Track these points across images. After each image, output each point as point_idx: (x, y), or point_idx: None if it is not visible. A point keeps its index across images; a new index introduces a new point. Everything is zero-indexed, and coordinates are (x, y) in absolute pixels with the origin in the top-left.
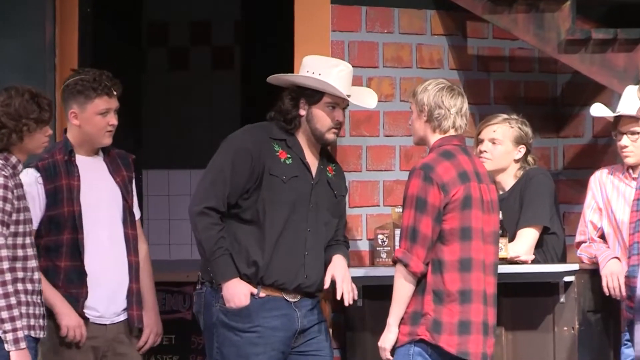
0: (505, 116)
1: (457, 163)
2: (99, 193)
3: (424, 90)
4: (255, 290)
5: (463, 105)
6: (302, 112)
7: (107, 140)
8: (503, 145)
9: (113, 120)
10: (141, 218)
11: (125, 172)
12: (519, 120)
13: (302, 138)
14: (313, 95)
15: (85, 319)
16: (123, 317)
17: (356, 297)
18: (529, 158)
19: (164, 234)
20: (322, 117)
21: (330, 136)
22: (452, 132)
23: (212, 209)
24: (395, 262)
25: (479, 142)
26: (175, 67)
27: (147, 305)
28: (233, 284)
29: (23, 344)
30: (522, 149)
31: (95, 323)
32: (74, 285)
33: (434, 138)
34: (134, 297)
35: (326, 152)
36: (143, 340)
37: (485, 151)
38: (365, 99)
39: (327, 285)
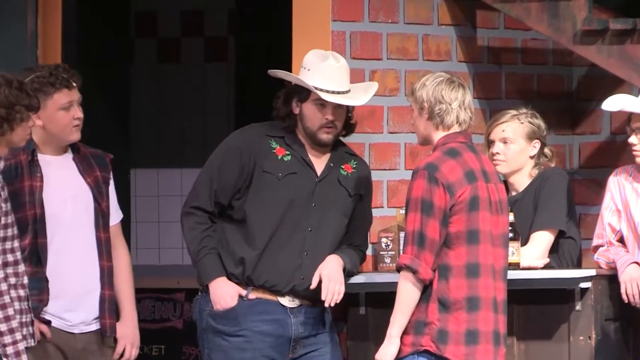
0: (513, 112)
1: (463, 161)
2: (65, 194)
3: (422, 87)
4: (244, 292)
5: (465, 97)
6: (296, 110)
7: (75, 136)
8: (515, 144)
9: (78, 113)
10: (128, 220)
11: (99, 172)
12: (528, 113)
13: (302, 135)
14: (301, 92)
15: (47, 323)
16: (95, 326)
17: (337, 301)
18: (546, 150)
19: (153, 238)
20: (311, 116)
21: (323, 136)
22: (456, 128)
23: (198, 209)
24: (399, 269)
25: (490, 143)
26: (165, 59)
27: (124, 315)
28: (219, 284)
29: (24, 357)
30: (537, 144)
31: (61, 330)
32: (34, 293)
33: (437, 136)
34: (106, 304)
35: (344, 150)
36: (118, 352)
37: (497, 153)
38: (355, 95)
39: (313, 285)
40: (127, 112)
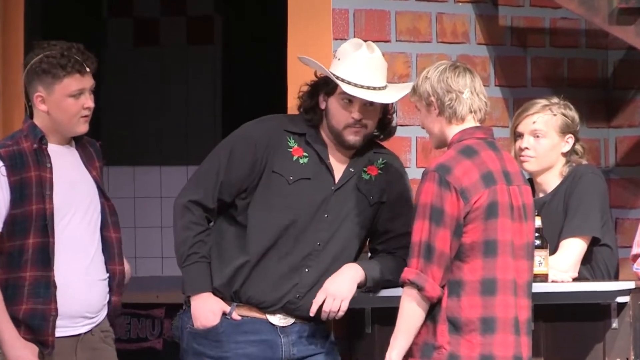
0: (544, 102)
1: (480, 162)
2: (75, 189)
3: (424, 80)
4: (228, 309)
5: (475, 83)
6: (323, 105)
7: (83, 128)
8: (547, 138)
9: (88, 102)
10: None
11: (97, 162)
12: (561, 104)
13: (326, 134)
14: (327, 84)
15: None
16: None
17: (337, 318)
18: (577, 147)
19: (128, 246)
20: (336, 112)
21: (349, 137)
22: (471, 119)
23: (197, 204)
24: (402, 284)
25: (517, 136)
26: (142, 42)
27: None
28: (202, 299)
29: None
30: (570, 139)
31: (62, 336)
32: (40, 300)
33: (451, 131)
34: (117, 311)
35: (373, 150)
36: None
37: (527, 148)
38: (388, 93)
39: (313, 310)
40: (99, 101)
